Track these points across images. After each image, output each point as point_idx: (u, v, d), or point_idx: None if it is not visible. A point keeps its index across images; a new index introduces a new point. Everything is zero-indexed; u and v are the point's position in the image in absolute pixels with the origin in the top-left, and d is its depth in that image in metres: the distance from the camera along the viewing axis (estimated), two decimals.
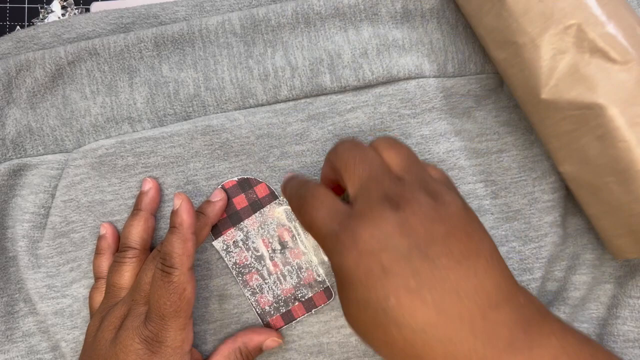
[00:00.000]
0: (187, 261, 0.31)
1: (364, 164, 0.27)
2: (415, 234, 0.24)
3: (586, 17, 0.29)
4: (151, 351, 0.30)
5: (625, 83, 0.29)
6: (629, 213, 0.30)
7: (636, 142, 0.29)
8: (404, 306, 0.23)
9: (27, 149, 0.37)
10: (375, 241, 0.24)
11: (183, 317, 0.31)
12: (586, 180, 0.32)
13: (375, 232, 0.24)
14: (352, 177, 0.27)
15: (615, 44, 0.29)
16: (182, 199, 0.32)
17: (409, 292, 0.23)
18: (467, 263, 0.24)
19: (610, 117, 0.29)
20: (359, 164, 0.27)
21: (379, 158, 0.28)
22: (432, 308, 0.23)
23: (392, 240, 0.24)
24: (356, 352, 0.36)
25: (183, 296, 0.30)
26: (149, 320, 0.30)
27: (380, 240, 0.24)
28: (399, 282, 0.24)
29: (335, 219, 0.26)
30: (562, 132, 0.32)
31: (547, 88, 0.31)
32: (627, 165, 0.29)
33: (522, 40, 0.31)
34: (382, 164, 0.28)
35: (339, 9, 0.36)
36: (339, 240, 0.25)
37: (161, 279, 0.30)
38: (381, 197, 0.26)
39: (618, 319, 0.34)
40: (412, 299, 0.23)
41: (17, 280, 0.37)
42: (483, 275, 0.24)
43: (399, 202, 0.25)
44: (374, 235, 0.24)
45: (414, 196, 0.26)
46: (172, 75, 0.37)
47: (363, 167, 0.27)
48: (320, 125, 0.37)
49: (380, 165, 0.27)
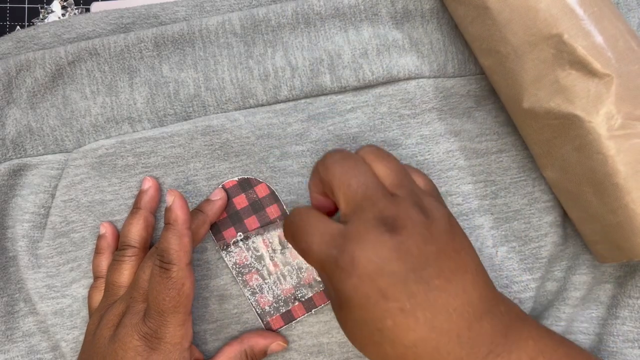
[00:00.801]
0: (184, 256, 0.31)
1: (356, 179, 0.27)
2: (410, 257, 0.25)
3: (568, 28, 0.29)
4: (150, 348, 0.30)
5: (603, 95, 0.29)
6: (604, 223, 0.31)
7: (612, 154, 0.29)
8: (399, 327, 0.25)
9: (27, 149, 0.37)
10: (373, 266, 0.25)
11: (182, 313, 0.31)
12: (566, 187, 0.33)
13: (373, 257, 0.25)
14: (345, 194, 0.27)
15: (597, 55, 0.29)
16: (174, 195, 0.32)
17: (404, 314, 0.25)
18: (456, 280, 0.26)
19: (588, 129, 0.29)
20: (352, 179, 0.27)
21: (370, 171, 0.28)
22: (424, 326, 0.25)
23: (390, 265, 0.25)
24: (356, 352, 0.36)
25: (182, 291, 0.30)
26: (148, 317, 0.30)
27: (378, 265, 0.25)
28: (396, 305, 0.25)
29: (330, 243, 0.26)
30: (543, 140, 0.32)
31: (528, 97, 0.32)
32: (602, 177, 0.30)
33: (505, 49, 0.32)
34: (374, 180, 0.28)
35: (339, 9, 0.36)
36: (337, 265, 0.26)
37: (159, 275, 0.30)
38: (377, 219, 0.26)
39: (618, 319, 0.34)
40: (406, 319, 0.25)
41: (17, 280, 0.37)
42: (470, 289, 0.26)
43: (395, 225, 0.26)
44: (371, 260, 0.25)
45: (408, 216, 0.26)
46: (172, 76, 0.37)
47: (357, 184, 0.27)
48: (321, 125, 0.37)
49: (373, 182, 0.27)
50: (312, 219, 0.28)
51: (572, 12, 0.30)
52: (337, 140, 0.37)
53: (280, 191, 0.37)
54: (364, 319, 0.26)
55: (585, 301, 0.36)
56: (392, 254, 0.25)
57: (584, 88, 0.29)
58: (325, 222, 0.28)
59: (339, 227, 0.27)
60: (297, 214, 0.29)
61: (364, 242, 0.26)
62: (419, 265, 0.25)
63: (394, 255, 0.25)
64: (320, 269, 0.27)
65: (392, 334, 0.25)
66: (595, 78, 0.29)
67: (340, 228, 0.27)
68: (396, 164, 0.29)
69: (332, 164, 0.28)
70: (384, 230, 0.26)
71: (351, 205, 0.27)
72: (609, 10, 0.30)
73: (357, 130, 0.37)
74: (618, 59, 0.29)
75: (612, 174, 0.29)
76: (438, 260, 0.26)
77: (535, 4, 0.30)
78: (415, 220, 0.26)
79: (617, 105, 0.29)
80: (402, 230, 0.26)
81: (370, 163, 0.29)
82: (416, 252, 0.25)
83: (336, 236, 0.26)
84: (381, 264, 0.25)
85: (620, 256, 0.31)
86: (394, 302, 0.25)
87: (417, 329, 0.25)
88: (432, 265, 0.26)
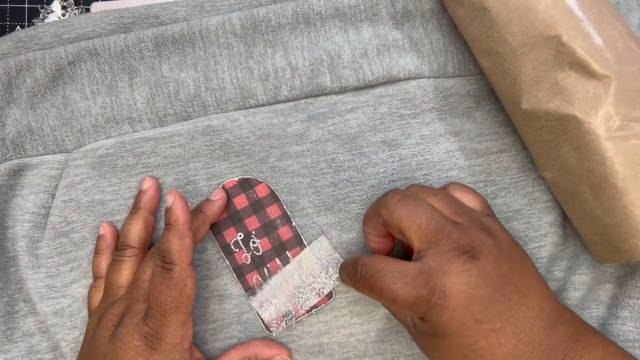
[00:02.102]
0: (186, 257, 0.31)
1: (425, 216, 0.29)
2: (492, 279, 0.28)
3: (567, 29, 0.29)
4: (151, 348, 0.30)
5: (602, 96, 0.29)
6: (602, 223, 0.31)
7: (611, 155, 0.29)
8: (491, 345, 0.27)
9: (27, 149, 0.37)
10: (465, 295, 0.27)
11: (184, 313, 0.31)
12: (564, 187, 0.33)
13: (462, 287, 0.27)
14: (417, 233, 0.29)
15: (596, 57, 0.29)
16: (174, 196, 0.32)
17: (495, 332, 0.27)
18: (529, 292, 0.28)
19: (586, 130, 0.29)
20: (421, 218, 0.29)
21: (432, 207, 0.30)
22: (512, 340, 0.27)
23: (479, 291, 0.27)
24: (356, 352, 0.36)
25: (184, 291, 0.30)
26: (149, 317, 0.30)
27: (469, 294, 0.27)
28: (489, 326, 0.27)
29: (415, 284, 0.28)
30: (542, 140, 0.32)
31: (527, 98, 0.32)
32: (600, 178, 0.30)
33: (504, 50, 0.32)
34: (440, 214, 0.29)
35: (339, 9, 0.36)
36: (430, 303, 0.27)
37: (161, 275, 0.30)
38: (455, 250, 0.28)
39: (618, 319, 0.34)
40: (497, 337, 0.27)
41: (17, 280, 0.37)
42: (541, 300, 0.29)
43: (472, 252, 0.28)
44: (462, 290, 0.27)
45: (480, 240, 0.28)
46: (173, 76, 0.37)
47: (426, 221, 0.29)
48: (321, 125, 0.37)
49: (439, 216, 0.29)
50: (387, 266, 0.29)
51: (571, 14, 0.29)
52: (337, 140, 0.37)
53: (280, 191, 0.37)
54: (459, 344, 0.27)
55: (585, 301, 0.36)
56: (478, 280, 0.27)
57: (582, 89, 0.29)
58: (400, 265, 0.29)
59: (416, 265, 0.28)
60: (369, 265, 0.29)
61: (450, 274, 0.27)
62: (499, 284, 0.28)
63: (479, 281, 0.27)
64: (409, 310, 0.28)
65: (485, 352, 0.27)
66: (594, 79, 0.29)
67: (419, 266, 0.28)
68: (446, 195, 0.31)
69: (396, 208, 0.30)
70: (465, 259, 0.28)
71: (425, 241, 0.29)
72: (608, 11, 0.30)
73: (357, 130, 0.37)
74: (617, 60, 0.29)
75: (611, 175, 0.29)
76: (512, 277, 0.28)
77: (534, 5, 0.30)
78: (486, 243, 0.28)
79: (616, 106, 0.29)
80: (479, 255, 0.28)
81: (425, 199, 0.30)
82: (494, 273, 0.28)
83: (418, 275, 0.28)
84: (471, 292, 0.27)
85: (619, 257, 0.31)
86: (486, 324, 0.27)
87: (506, 344, 0.27)
88: (509, 282, 0.28)
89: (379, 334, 0.36)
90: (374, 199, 0.37)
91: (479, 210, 0.32)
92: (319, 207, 0.37)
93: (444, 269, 0.27)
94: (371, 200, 0.37)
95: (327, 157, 0.37)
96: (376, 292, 0.29)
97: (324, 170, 0.37)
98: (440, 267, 0.28)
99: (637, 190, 0.29)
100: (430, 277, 0.27)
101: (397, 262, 0.29)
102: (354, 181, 0.37)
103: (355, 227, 0.37)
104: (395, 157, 0.37)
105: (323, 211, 0.37)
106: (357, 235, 0.37)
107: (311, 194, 0.37)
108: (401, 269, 0.28)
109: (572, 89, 0.30)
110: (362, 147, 0.37)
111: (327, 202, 0.37)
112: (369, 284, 0.29)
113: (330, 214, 0.37)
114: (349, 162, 0.37)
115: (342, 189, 0.37)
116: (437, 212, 0.29)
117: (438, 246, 0.28)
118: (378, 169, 0.37)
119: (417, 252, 0.29)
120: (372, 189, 0.37)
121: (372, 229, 0.32)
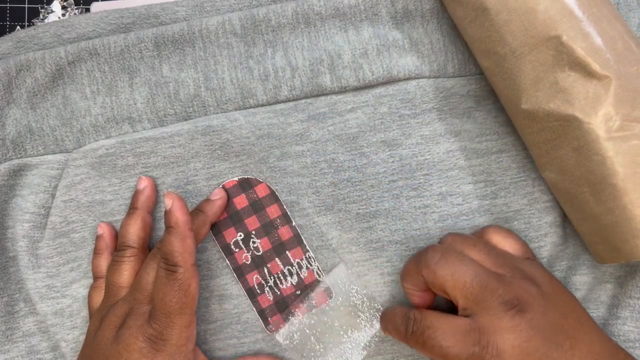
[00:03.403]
0: (189, 258, 0.31)
1: (468, 274, 0.29)
2: (542, 329, 0.28)
3: (567, 30, 0.29)
4: (155, 349, 0.30)
5: (602, 97, 0.29)
6: (601, 223, 0.31)
7: (611, 155, 0.29)
8: None
9: (27, 149, 0.37)
10: (518, 350, 0.27)
11: (188, 314, 0.31)
12: (564, 187, 0.33)
13: (515, 342, 0.27)
14: (462, 291, 0.29)
15: (596, 57, 0.29)
16: (172, 198, 0.32)
17: None
18: (579, 336, 0.29)
19: (586, 130, 0.29)
20: (465, 276, 0.29)
21: (474, 261, 0.30)
22: None
23: (531, 344, 0.27)
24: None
25: (188, 292, 0.31)
26: (153, 319, 0.30)
27: (523, 348, 0.27)
28: None
29: (467, 341, 0.28)
30: (542, 141, 0.32)
31: (527, 98, 0.32)
32: (600, 178, 0.30)
33: (503, 50, 0.32)
34: (482, 269, 0.30)
35: (339, 9, 0.36)
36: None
37: (166, 277, 0.30)
38: (502, 305, 0.28)
39: (618, 319, 0.34)
40: None
41: (17, 280, 0.37)
42: (592, 341, 0.29)
43: (520, 305, 0.28)
44: (515, 345, 0.27)
45: (525, 291, 0.29)
46: (173, 76, 0.37)
47: (471, 278, 0.29)
48: (321, 125, 0.37)
49: (483, 271, 0.29)
50: (437, 322, 0.29)
51: (571, 14, 0.29)
52: (337, 140, 0.37)
53: (280, 191, 0.37)
54: None
55: (585, 301, 0.36)
56: (530, 332, 0.27)
57: (582, 89, 0.29)
58: (450, 321, 0.29)
59: (466, 321, 0.28)
60: (419, 321, 0.29)
61: (501, 330, 0.27)
62: (550, 333, 0.28)
63: (531, 333, 0.27)
64: None
65: None
66: (594, 79, 0.29)
67: (468, 322, 0.28)
68: (486, 244, 0.32)
69: (439, 267, 0.30)
70: (514, 314, 0.28)
71: (471, 299, 0.29)
72: (607, 11, 0.30)
73: (357, 130, 0.37)
74: (617, 61, 0.29)
75: (611, 175, 0.29)
76: (561, 323, 0.28)
77: (533, 6, 0.30)
78: (532, 293, 0.29)
79: (616, 106, 0.29)
80: (527, 307, 0.28)
81: (464, 252, 0.31)
82: (544, 323, 0.28)
83: (468, 332, 0.28)
84: (524, 346, 0.27)
85: (619, 257, 0.31)
86: None
87: None
88: (559, 329, 0.28)
89: (379, 333, 0.36)
90: (374, 198, 0.37)
91: (520, 255, 0.32)
92: (319, 207, 0.37)
93: (495, 325, 0.28)
94: (371, 200, 0.37)
95: (327, 157, 0.37)
96: (427, 349, 0.29)
97: (324, 170, 0.37)
98: (490, 324, 0.28)
99: (637, 190, 0.29)
100: (482, 335, 0.28)
101: (447, 318, 0.29)
102: (354, 181, 0.37)
103: (356, 227, 0.37)
104: (395, 157, 0.37)
105: (323, 211, 0.37)
106: (357, 235, 0.37)
107: (311, 194, 0.37)
108: (452, 325, 0.28)
109: (572, 89, 0.30)
110: (362, 147, 0.37)
111: (327, 202, 0.37)
112: (419, 340, 0.29)
113: (330, 214, 0.37)
114: (349, 162, 0.37)
115: (342, 189, 0.37)
116: (480, 268, 0.29)
117: (485, 302, 0.28)
118: (378, 168, 0.37)
119: (462, 310, 0.29)
120: (372, 189, 0.37)
121: (413, 285, 0.32)
